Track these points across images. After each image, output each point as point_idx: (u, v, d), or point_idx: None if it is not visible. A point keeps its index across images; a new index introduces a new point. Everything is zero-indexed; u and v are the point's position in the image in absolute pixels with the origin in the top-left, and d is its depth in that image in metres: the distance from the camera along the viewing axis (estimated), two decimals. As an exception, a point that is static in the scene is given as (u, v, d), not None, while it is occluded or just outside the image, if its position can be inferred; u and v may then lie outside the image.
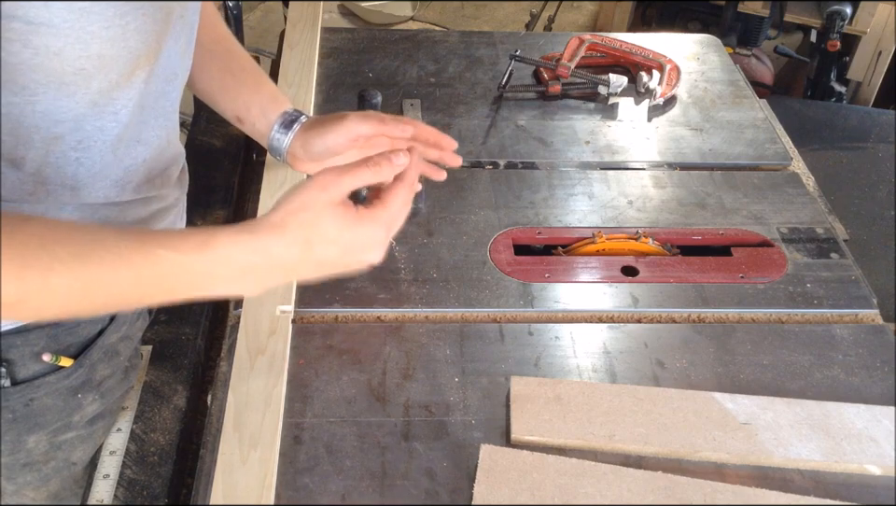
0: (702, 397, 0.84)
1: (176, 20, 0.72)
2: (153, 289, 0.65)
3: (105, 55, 0.63)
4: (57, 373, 0.79)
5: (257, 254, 0.67)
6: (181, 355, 0.95)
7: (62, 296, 0.60)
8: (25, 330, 0.76)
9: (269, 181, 1.12)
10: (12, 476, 0.83)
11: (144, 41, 0.66)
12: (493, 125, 1.29)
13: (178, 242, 0.65)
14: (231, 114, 0.92)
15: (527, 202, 1.13)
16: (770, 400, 0.85)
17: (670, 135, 1.28)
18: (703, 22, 2.52)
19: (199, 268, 0.65)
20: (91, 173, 0.72)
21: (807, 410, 0.84)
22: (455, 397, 0.85)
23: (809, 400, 0.85)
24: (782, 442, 0.80)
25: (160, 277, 0.64)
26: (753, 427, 0.81)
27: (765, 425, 0.82)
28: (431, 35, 1.56)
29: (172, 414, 0.89)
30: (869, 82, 2.34)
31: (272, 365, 0.85)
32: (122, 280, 0.62)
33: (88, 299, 0.62)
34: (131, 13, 0.63)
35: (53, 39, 0.60)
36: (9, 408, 0.77)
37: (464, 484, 0.77)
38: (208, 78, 0.92)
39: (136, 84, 0.70)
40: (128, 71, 0.67)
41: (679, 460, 0.80)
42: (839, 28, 2.15)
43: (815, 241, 1.08)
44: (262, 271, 0.68)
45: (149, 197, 0.80)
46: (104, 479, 0.85)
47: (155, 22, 0.67)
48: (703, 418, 0.82)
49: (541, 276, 1.01)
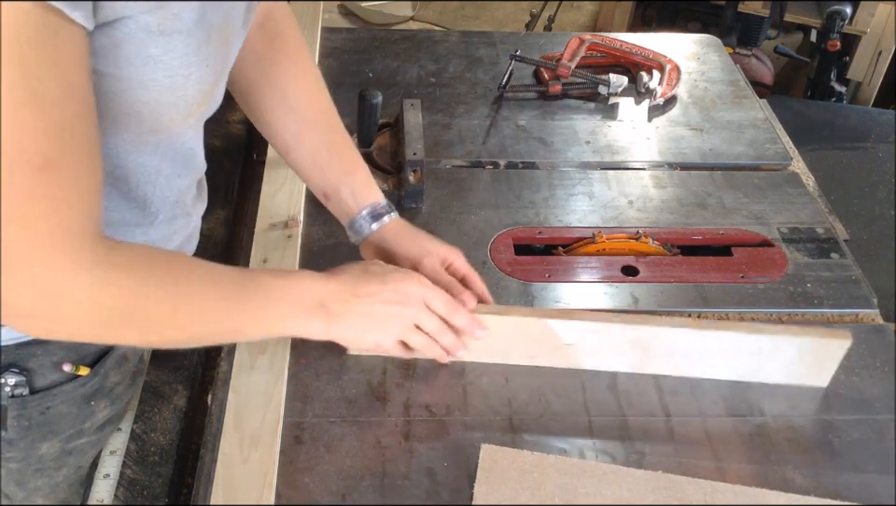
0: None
1: (229, 65, 0.73)
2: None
3: (162, 101, 0.64)
4: (74, 382, 0.79)
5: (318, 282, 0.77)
6: (181, 355, 0.95)
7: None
8: (46, 341, 0.76)
9: (269, 181, 1.12)
10: (23, 481, 0.84)
11: (201, 91, 0.67)
12: (493, 125, 1.29)
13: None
14: (318, 189, 0.92)
15: (528, 201, 1.13)
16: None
17: (670, 135, 1.28)
18: (703, 22, 2.52)
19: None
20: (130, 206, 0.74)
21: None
22: (455, 397, 0.85)
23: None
24: None
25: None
26: None
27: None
28: (431, 34, 1.56)
29: (172, 414, 0.90)
30: (869, 82, 2.34)
31: (272, 365, 0.85)
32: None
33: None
34: (195, 64, 0.63)
35: (116, 83, 0.61)
36: (26, 416, 0.78)
37: (464, 483, 0.77)
38: (303, 151, 0.91)
39: (178, 126, 0.71)
40: (180, 117, 0.68)
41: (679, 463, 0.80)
42: (839, 28, 2.15)
43: (815, 241, 1.08)
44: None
45: (180, 214, 0.82)
46: (104, 479, 0.86)
47: (214, 73, 0.67)
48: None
49: (542, 276, 1.01)
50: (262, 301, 0.74)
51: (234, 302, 0.72)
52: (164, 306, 0.67)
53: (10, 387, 0.75)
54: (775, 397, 0.86)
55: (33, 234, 0.57)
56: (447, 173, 1.18)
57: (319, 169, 0.90)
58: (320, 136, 0.90)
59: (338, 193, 0.90)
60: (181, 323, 0.69)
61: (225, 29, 0.67)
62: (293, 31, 0.90)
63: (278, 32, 0.88)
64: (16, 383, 0.76)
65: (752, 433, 0.83)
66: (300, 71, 0.89)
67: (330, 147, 0.90)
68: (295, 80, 0.89)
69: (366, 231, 0.89)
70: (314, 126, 0.90)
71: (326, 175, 0.90)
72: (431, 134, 1.25)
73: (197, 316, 0.70)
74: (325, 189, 0.91)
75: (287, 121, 0.89)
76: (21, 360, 0.76)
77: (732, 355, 0.85)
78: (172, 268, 0.69)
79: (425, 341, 0.83)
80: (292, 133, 0.89)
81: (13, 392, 0.76)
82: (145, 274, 0.65)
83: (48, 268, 0.59)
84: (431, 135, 1.25)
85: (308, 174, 0.91)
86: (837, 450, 0.82)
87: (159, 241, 0.79)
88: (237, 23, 0.71)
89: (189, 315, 0.69)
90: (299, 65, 0.90)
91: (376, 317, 0.79)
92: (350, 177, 0.90)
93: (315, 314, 0.77)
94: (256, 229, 1.03)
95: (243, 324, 0.74)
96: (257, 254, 1.00)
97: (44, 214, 0.57)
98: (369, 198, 0.90)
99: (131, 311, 0.65)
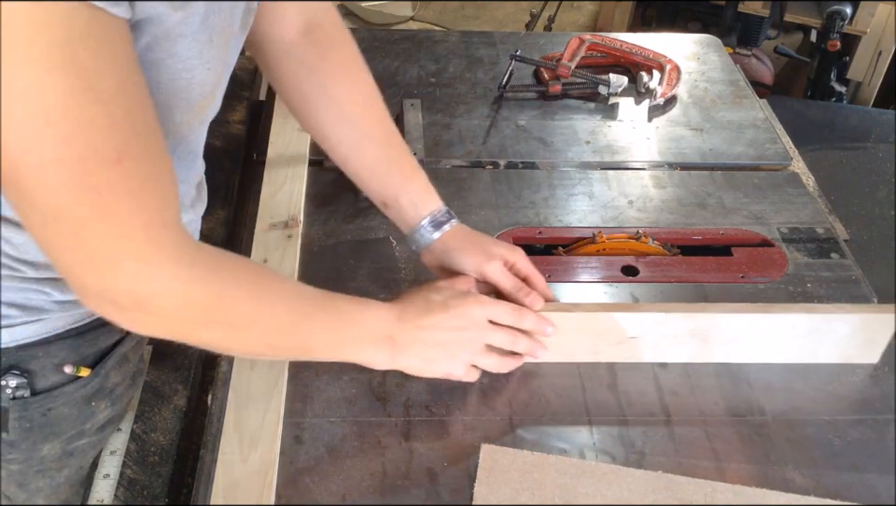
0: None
1: (229, 69, 0.73)
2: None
3: (166, 104, 0.64)
4: (75, 383, 0.79)
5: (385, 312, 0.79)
6: (181, 355, 0.95)
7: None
8: (47, 343, 0.76)
9: (269, 181, 1.12)
10: (25, 482, 0.84)
11: (202, 93, 0.67)
12: (493, 125, 1.29)
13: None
14: (377, 198, 0.91)
15: (528, 202, 1.13)
16: None
17: (670, 135, 1.28)
18: (703, 22, 2.52)
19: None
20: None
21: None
22: (455, 396, 0.85)
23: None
24: None
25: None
26: None
27: None
28: (431, 34, 1.56)
29: (172, 414, 0.90)
30: (869, 82, 2.34)
31: (272, 364, 0.85)
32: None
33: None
34: (198, 67, 0.63)
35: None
36: (27, 418, 0.78)
37: (464, 483, 0.77)
38: (361, 162, 0.90)
39: (183, 130, 0.71)
40: (182, 120, 0.69)
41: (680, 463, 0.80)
42: (839, 28, 2.15)
43: (815, 241, 1.08)
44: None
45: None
46: (104, 479, 0.86)
47: (215, 75, 0.67)
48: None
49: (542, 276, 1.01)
50: (337, 323, 0.76)
51: (311, 319, 0.75)
52: (247, 309, 0.69)
53: (11, 389, 0.75)
54: (775, 397, 0.86)
55: (125, 231, 0.58)
56: (447, 173, 1.18)
57: (378, 180, 0.90)
58: (378, 147, 0.90)
59: (397, 202, 0.90)
60: (260, 331, 0.71)
61: (225, 31, 0.67)
62: (345, 40, 0.90)
63: (330, 43, 0.88)
64: (17, 385, 0.76)
65: (752, 433, 0.83)
66: (354, 82, 0.89)
67: (388, 157, 0.90)
68: (350, 92, 0.89)
69: (428, 239, 0.89)
70: (371, 137, 0.90)
71: (384, 186, 0.90)
72: (431, 134, 1.25)
73: (275, 326, 0.72)
74: (384, 198, 0.91)
75: (343, 134, 0.89)
76: (22, 362, 0.76)
77: (789, 337, 0.87)
78: (256, 275, 0.72)
79: (496, 361, 0.84)
80: (349, 145, 0.89)
81: (14, 394, 0.76)
82: (231, 276, 0.68)
83: (143, 263, 0.60)
84: (431, 135, 1.25)
85: (367, 184, 0.91)
86: (837, 450, 0.82)
87: None
88: (236, 25, 0.71)
89: (270, 323, 0.71)
90: (353, 76, 0.89)
91: (443, 346, 0.81)
92: (409, 186, 0.90)
93: (383, 344, 0.79)
94: (256, 229, 1.03)
95: (316, 342, 0.76)
96: (257, 254, 1.00)
97: (132, 208, 0.58)
98: (429, 206, 0.90)
99: (216, 311, 0.66)
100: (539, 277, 0.89)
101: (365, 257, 1.02)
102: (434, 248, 0.89)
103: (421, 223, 0.89)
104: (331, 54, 0.88)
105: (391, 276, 0.99)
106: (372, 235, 0.90)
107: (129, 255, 0.59)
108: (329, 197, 1.10)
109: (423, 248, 0.90)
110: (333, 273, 1.00)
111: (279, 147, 1.18)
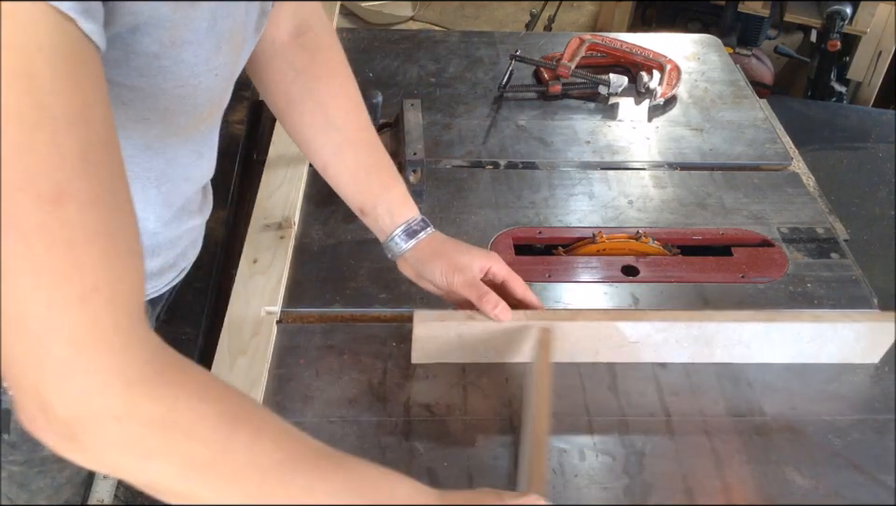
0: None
1: (237, 72, 0.73)
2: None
3: (171, 108, 0.64)
4: None
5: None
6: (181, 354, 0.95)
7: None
8: None
9: (266, 182, 1.12)
10: (26, 483, 0.84)
11: (210, 99, 0.66)
12: (493, 125, 1.29)
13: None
14: (355, 205, 0.91)
15: (528, 202, 1.13)
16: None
17: (670, 135, 1.28)
18: (703, 22, 2.52)
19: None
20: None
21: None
22: (455, 397, 0.85)
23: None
24: None
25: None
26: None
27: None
28: (431, 34, 1.56)
29: (172, 414, 0.89)
30: (869, 82, 2.34)
31: (251, 368, 0.85)
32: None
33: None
34: (205, 74, 0.62)
35: (126, 92, 0.60)
36: None
37: (464, 484, 0.77)
38: (342, 168, 0.89)
39: (193, 134, 0.71)
40: (189, 124, 0.68)
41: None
42: (839, 28, 2.15)
43: (815, 241, 1.08)
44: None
45: (186, 218, 0.82)
46: (104, 479, 0.85)
47: (223, 80, 0.67)
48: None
49: (542, 276, 1.01)
50: (354, 483, 0.59)
51: (312, 469, 0.57)
52: (213, 438, 0.53)
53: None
54: (775, 397, 0.87)
55: (54, 298, 0.45)
56: (447, 173, 1.18)
57: (357, 186, 0.89)
58: (359, 155, 0.89)
59: (374, 210, 0.89)
60: (228, 471, 0.53)
61: (236, 35, 0.66)
62: (333, 44, 0.89)
63: (318, 46, 0.87)
64: None
65: (752, 433, 0.83)
66: (340, 87, 0.89)
67: (369, 164, 0.89)
68: (336, 98, 0.88)
69: (401, 248, 0.88)
70: (353, 144, 0.89)
71: (363, 193, 0.89)
72: (431, 134, 1.25)
73: (257, 469, 0.54)
74: (362, 205, 0.90)
75: (327, 139, 0.88)
76: None
77: (793, 343, 0.88)
78: (232, 398, 0.57)
79: None
80: (332, 150, 0.88)
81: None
82: (196, 394, 0.53)
83: (74, 349, 0.46)
84: (431, 135, 1.25)
85: (345, 190, 0.91)
86: (837, 450, 0.82)
87: (164, 245, 0.79)
88: (249, 29, 0.70)
89: (247, 464, 0.54)
90: (339, 81, 0.89)
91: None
92: (386, 194, 0.89)
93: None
94: (249, 229, 1.03)
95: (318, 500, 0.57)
96: (248, 254, 1.00)
97: (67, 269, 0.45)
98: (405, 215, 0.89)
99: (166, 437, 0.51)
100: (517, 281, 0.88)
101: (365, 257, 1.02)
102: (409, 257, 0.88)
103: (395, 232, 0.88)
104: (320, 57, 0.88)
105: (391, 276, 0.99)
106: (372, 236, 0.90)
107: (55, 334, 0.45)
108: (329, 197, 1.10)
109: (397, 257, 0.89)
110: (333, 273, 1.00)
111: (280, 148, 1.18)
